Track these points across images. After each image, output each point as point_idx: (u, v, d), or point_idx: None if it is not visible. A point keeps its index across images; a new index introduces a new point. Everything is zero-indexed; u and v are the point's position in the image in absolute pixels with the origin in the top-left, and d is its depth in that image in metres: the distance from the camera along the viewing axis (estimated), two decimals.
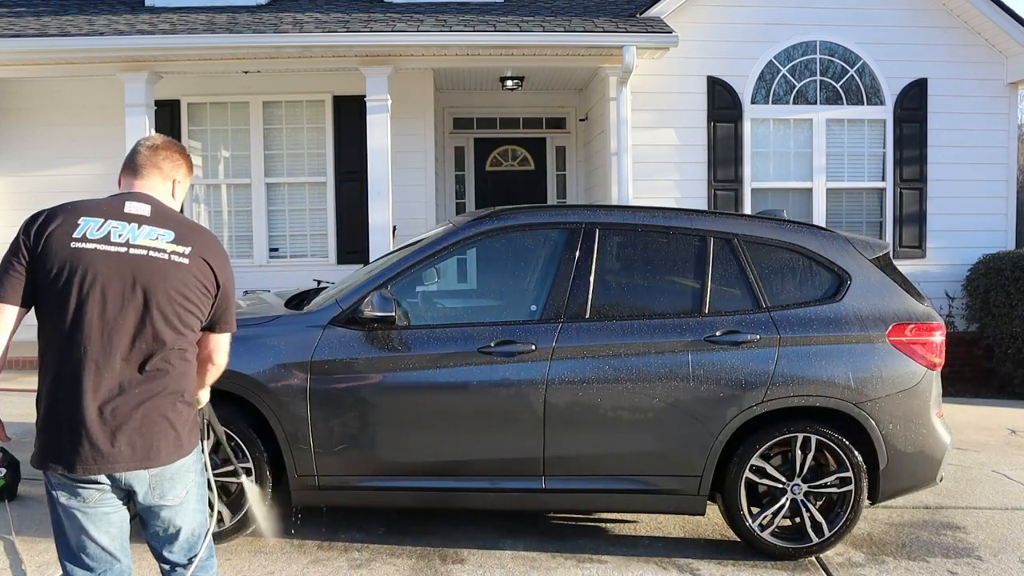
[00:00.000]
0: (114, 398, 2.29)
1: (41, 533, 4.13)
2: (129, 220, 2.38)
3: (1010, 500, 4.92)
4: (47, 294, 2.31)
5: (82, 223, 2.34)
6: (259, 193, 9.39)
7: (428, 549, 4.03)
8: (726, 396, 3.87)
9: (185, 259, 2.38)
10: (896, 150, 9.00)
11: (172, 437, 2.38)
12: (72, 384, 2.27)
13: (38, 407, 2.34)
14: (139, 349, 2.32)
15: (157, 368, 2.35)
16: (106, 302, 2.30)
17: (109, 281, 2.30)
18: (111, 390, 2.29)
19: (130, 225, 2.37)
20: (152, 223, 2.40)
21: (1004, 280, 8.25)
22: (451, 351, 3.88)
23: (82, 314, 2.28)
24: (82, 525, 2.35)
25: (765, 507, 3.99)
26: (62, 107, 9.34)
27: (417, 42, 7.93)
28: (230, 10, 8.99)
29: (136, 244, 2.35)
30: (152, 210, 2.43)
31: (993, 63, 9.02)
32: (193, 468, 2.50)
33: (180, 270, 2.37)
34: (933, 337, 4.03)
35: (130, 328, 2.31)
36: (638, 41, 7.96)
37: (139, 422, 2.31)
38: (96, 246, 2.31)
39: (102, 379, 2.28)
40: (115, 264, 2.31)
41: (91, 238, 2.32)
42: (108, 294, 2.30)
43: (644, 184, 8.64)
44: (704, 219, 4.17)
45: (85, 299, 2.28)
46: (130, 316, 2.31)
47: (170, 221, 2.43)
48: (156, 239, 2.37)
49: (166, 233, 2.39)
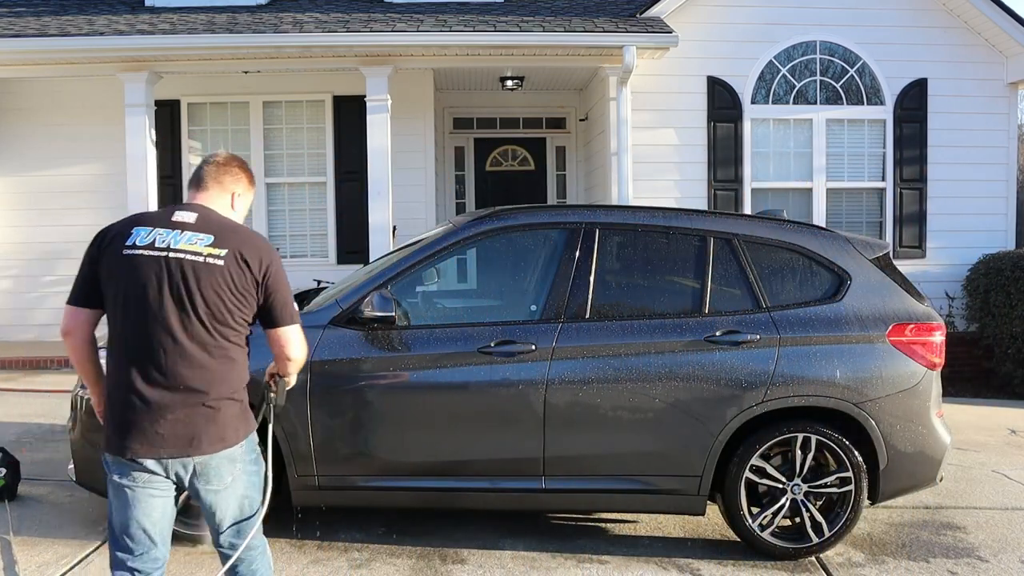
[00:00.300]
0: (158, 390, 2.49)
1: (42, 533, 4.13)
2: (173, 227, 2.58)
3: (1010, 500, 4.92)
4: (106, 296, 2.57)
5: (134, 232, 2.58)
6: (259, 193, 9.38)
7: (428, 549, 4.03)
8: (726, 396, 3.87)
9: (220, 261, 2.54)
10: (896, 150, 9.00)
11: (213, 429, 2.54)
12: (123, 377, 2.52)
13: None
14: (180, 346, 2.51)
15: (202, 365, 2.52)
16: (148, 302, 2.50)
17: (149, 283, 2.51)
18: (156, 383, 2.49)
19: (173, 232, 2.57)
20: (193, 229, 2.58)
21: (1004, 280, 8.25)
22: (451, 351, 3.88)
23: (129, 313, 2.52)
24: (129, 504, 2.55)
25: (765, 507, 3.99)
26: (62, 107, 9.34)
27: (417, 42, 7.93)
28: (230, 10, 8.99)
29: (175, 248, 2.54)
30: (197, 217, 2.62)
31: (993, 63, 9.02)
32: (242, 457, 2.64)
33: (214, 271, 2.53)
34: (933, 337, 4.03)
35: (170, 326, 2.50)
36: (638, 41, 7.96)
37: (181, 414, 2.50)
38: (141, 252, 2.53)
39: (147, 373, 2.50)
40: (155, 267, 2.52)
41: (139, 245, 2.54)
42: (149, 295, 2.50)
43: (644, 184, 8.64)
44: (704, 219, 4.17)
45: (130, 300, 2.51)
46: (170, 315, 2.51)
47: (212, 226, 2.60)
48: (195, 244, 2.55)
49: (205, 237, 2.57)
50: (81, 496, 4.55)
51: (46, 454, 5.40)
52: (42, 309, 9.32)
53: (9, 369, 8.24)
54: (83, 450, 4.00)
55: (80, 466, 4.04)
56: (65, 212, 9.30)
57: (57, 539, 4.05)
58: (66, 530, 4.17)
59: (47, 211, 9.33)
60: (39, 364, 8.29)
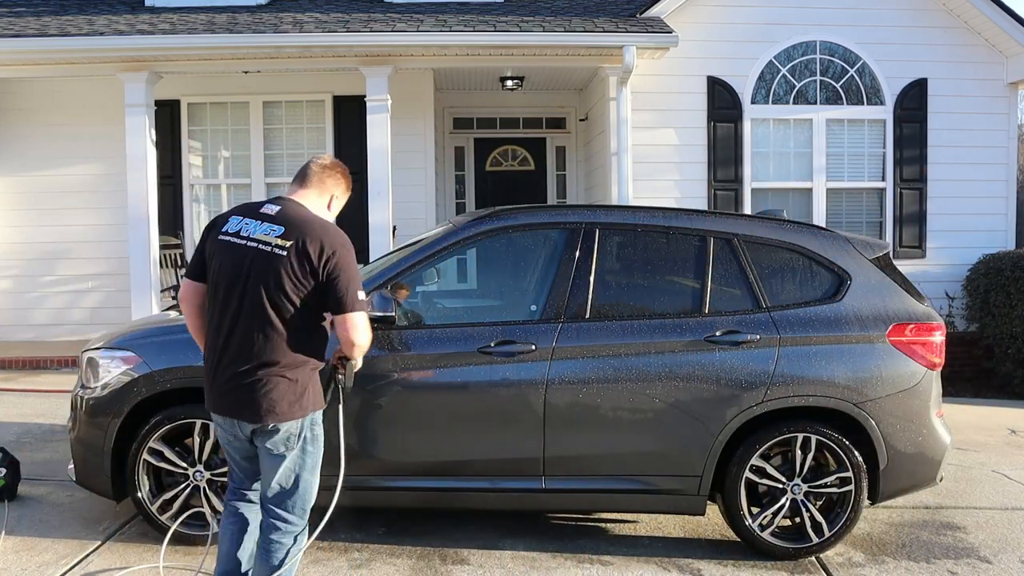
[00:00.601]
0: (230, 361, 2.89)
1: (42, 533, 4.13)
2: (258, 218, 2.93)
3: (1010, 500, 4.92)
4: (208, 276, 2.98)
5: (230, 220, 2.97)
6: (259, 193, 9.39)
7: (428, 549, 4.03)
8: (726, 396, 3.87)
9: (284, 251, 2.84)
10: (896, 150, 9.00)
11: (266, 403, 2.86)
12: (209, 347, 2.98)
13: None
14: (246, 325, 2.86)
15: (260, 344, 2.85)
16: (228, 284, 2.89)
17: (230, 267, 2.89)
18: (229, 355, 2.89)
19: (256, 222, 2.92)
20: (272, 221, 2.91)
21: (1004, 280, 8.25)
22: (451, 351, 3.88)
23: (216, 292, 2.93)
24: (227, 445, 3.08)
25: (765, 507, 3.99)
26: (62, 107, 9.34)
27: (417, 42, 7.93)
28: (230, 10, 8.98)
29: (252, 238, 2.89)
30: (279, 210, 2.94)
31: (993, 63, 9.02)
32: (297, 434, 2.94)
33: (277, 260, 2.84)
34: (933, 337, 4.03)
35: (241, 307, 2.86)
36: (638, 41, 7.96)
37: (242, 384, 2.87)
38: (230, 239, 2.92)
39: (224, 345, 2.90)
40: (236, 254, 2.89)
41: (230, 232, 2.93)
42: (230, 278, 2.88)
43: (644, 184, 8.64)
44: (704, 219, 4.17)
45: (219, 281, 2.92)
46: (242, 297, 2.86)
47: (287, 219, 2.91)
48: (268, 234, 2.88)
49: (277, 229, 2.89)
50: (81, 496, 4.55)
51: (46, 454, 5.40)
52: (42, 309, 9.33)
53: (9, 369, 8.24)
54: (83, 450, 4.01)
55: (80, 466, 4.04)
56: (65, 212, 9.30)
57: (57, 539, 4.05)
58: (66, 530, 4.17)
59: (47, 211, 9.33)
60: (39, 364, 8.30)
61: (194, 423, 3.89)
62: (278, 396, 2.86)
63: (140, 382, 3.88)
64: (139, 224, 8.06)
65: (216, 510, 3.90)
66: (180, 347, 3.89)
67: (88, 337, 7.23)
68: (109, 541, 4.04)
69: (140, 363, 3.90)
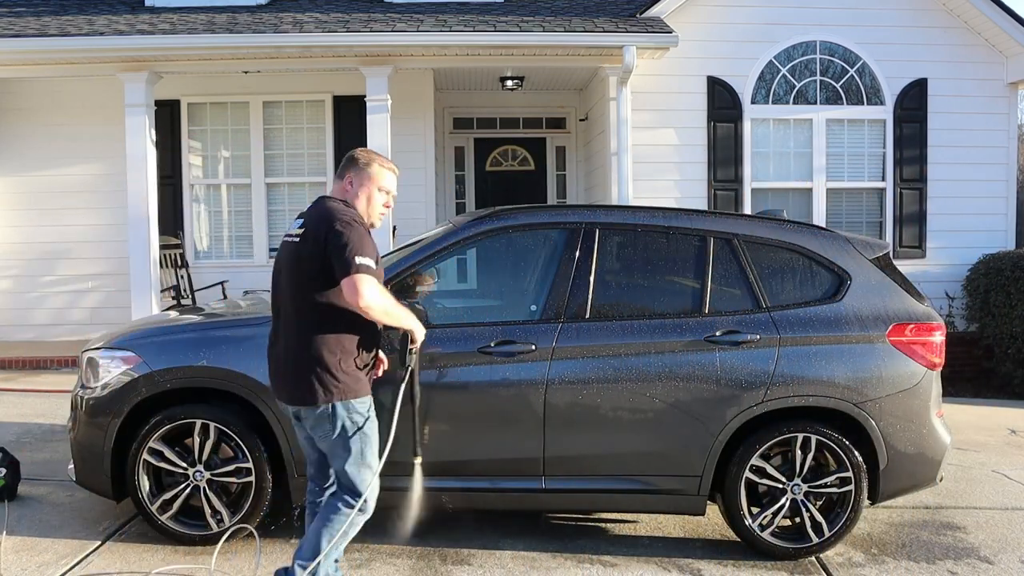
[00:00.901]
0: (280, 349, 3.14)
1: (42, 533, 4.13)
2: (298, 218, 3.18)
3: (1010, 500, 4.92)
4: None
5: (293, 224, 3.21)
6: (259, 193, 9.39)
7: (428, 549, 4.03)
8: (726, 396, 3.87)
9: (298, 239, 3.07)
10: (896, 150, 9.00)
11: (304, 388, 3.04)
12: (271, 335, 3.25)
13: None
14: (288, 314, 3.10)
15: (299, 332, 3.06)
16: (274, 276, 3.21)
17: (276, 262, 3.22)
18: (279, 344, 3.15)
19: (296, 221, 3.16)
20: (300, 217, 3.15)
21: (1004, 280, 8.25)
22: (451, 351, 3.87)
23: (274, 286, 3.23)
24: (297, 432, 3.32)
25: (765, 507, 3.99)
26: (62, 107, 9.34)
27: (417, 42, 7.93)
28: (230, 10, 8.98)
29: (289, 234, 3.16)
30: (310, 206, 3.15)
31: (993, 63, 9.02)
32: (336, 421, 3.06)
33: (294, 249, 3.08)
34: (933, 337, 4.03)
35: (283, 297, 3.12)
36: (638, 41, 7.96)
37: (285, 370, 3.12)
38: (284, 238, 3.20)
39: (276, 334, 3.19)
40: (284, 250, 3.17)
41: (286, 232, 3.20)
42: (274, 271, 3.21)
43: (644, 184, 8.63)
44: (704, 219, 4.17)
45: (276, 275, 3.22)
46: (284, 289, 3.12)
47: (307, 212, 3.14)
48: (296, 228, 3.12)
49: (299, 222, 3.13)
50: (81, 496, 4.55)
51: (46, 454, 5.40)
52: (42, 309, 9.34)
53: (9, 369, 8.24)
54: (83, 450, 4.01)
55: (80, 466, 4.04)
56: (65, 212, 9.30)
57: (57, 539, 4.05)
58: (66, 530, 4.17)
59: (47, 211, 9.33)
60: (39, 364, 8.30)
61: (194, 423, 3.89)
62: (318, 382, 3.02)
63: (140, 382, 3.88)
64: (139, 224, 8.06)
65: (216, 510, 3.90)
66: (180, 347, 3.90)
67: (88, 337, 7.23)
68: (109, 541, 4.04)
69: (140, 363, 3.90)
